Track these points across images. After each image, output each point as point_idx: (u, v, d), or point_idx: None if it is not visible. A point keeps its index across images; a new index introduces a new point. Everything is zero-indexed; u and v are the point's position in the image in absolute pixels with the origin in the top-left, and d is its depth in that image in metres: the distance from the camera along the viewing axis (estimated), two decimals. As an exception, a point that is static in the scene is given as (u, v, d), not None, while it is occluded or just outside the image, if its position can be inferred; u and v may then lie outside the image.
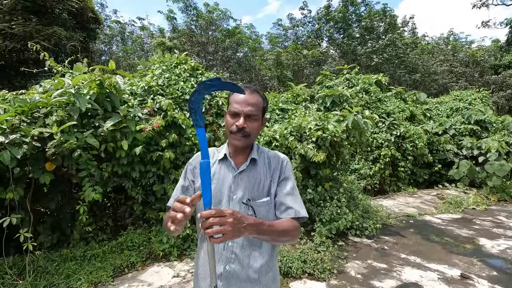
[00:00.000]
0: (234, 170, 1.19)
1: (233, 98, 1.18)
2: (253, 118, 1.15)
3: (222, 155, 1.23)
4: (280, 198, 1.18)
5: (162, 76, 4.32)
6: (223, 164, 1.22)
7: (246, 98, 1.14)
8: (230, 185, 1.16)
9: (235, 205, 1.14)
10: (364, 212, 4.63)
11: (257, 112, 1.16)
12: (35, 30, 8.82)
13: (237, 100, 1.15)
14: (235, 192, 1.16)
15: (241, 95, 1.15)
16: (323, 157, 3.85)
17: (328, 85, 8.60)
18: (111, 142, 3.26)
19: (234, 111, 1.14)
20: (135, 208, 3.82)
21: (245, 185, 1.16)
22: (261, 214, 1.14)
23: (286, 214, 1.15)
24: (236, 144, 1.17)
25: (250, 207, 1.14)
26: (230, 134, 1.17)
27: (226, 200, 1.15)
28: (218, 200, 1.16)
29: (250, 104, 1.14)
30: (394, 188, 7.58)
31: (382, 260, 3.53)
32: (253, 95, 1.17)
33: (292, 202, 1.17)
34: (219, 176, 1.19)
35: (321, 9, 21.47)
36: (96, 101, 3.25)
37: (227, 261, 1.12)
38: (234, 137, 1.15)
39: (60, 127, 2.77)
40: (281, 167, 1.23)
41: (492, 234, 4.44)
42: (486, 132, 8.77)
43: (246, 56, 17.73)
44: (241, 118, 1.13)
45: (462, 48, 24.43)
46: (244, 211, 1.13)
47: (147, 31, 18.28)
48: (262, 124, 1.24)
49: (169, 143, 3.68)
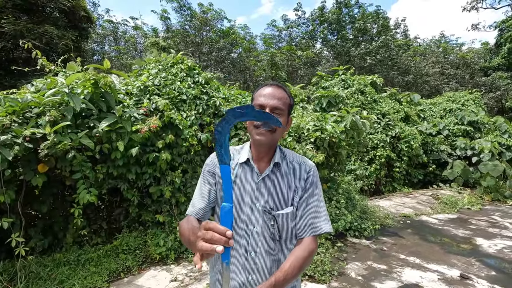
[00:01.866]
0: (257, 175, 1.11)
1: (258, 92, 1.12)
2: (279, 112, 1.07)
3: (245, 159, 1.14)
4: (302, 212, 1.10)
5: (158, 76, 4.24)
6: (244, 168, 1.14)
7: (272, 92, 1.08)
8: (253, 192, 1.09)
9: (258, 214, 1.08)
10: (362, 213, 4.62)
11: (283, 106, 1.09)
12: (25, 28, 8.61)
13: (263, 94, 1.09)
14: (258, 199, 1.09)
15: (268, 89, 1.10)
16: (322, 158, 3.82)
17: (324, 86, 8.61)
18: (106, 143, 3.17)
19: (260, 103, 1.07)
20: (131, 210, 3.73)
21: (268, 192, 1.09)
22: (283, 225, 1.09)
23: (304, 232, 1.08)
24: (260, 140, 1.06)
25: (272, 217, 1.08)
26: (253, 130, 1.07)
27: (249, 208, 1.09)
28: (240, 207, 1.09)
29: (276, 97, 1.08)
30: (390, 189, 7.62)
31: (381, 261, 3.51)
32: (280, 90, 1.11)
33: (313, 218, 1.09)
34: (241, 181, 1.12)
35: (315, 10, 21.61)
36: (91, 101, 3.15)
37: (249, 272, 1.07)
38: (258, 132, 1.05)
39: (54, 127, 2.68)
40: (307, 176, 1.14)
41: (488, 234, 4.48)
42: (479, 133, 8.90)
43: (240, 56, 17.69)
44: (267, 110, 1.04)
45: (452, 50, 24.85)
46: (266, 221, 1.08)
47: (140, 31, 18.09)
48: (287, 123, 1.15)
49: (165, 144, 3.61)
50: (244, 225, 1.08)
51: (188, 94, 4.18)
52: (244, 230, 1.08)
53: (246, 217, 1.08)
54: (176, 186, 3.75)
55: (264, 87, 1.12)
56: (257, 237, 1.07)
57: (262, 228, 1.07)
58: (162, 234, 3.65)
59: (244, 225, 1.08)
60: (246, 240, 1.08)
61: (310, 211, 1.10)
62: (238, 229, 1.09)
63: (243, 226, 1.08)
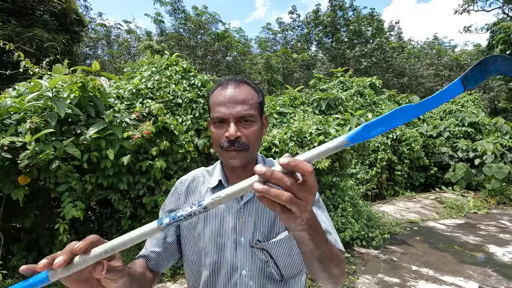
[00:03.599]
0: (236, 201, 0.84)
1: (214, 99, 0.82)
2: (248, 120, 0.79)
3: (216, 182, 0.87)
4: None
5: (152, 78, 3.99)
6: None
7: (232, 95, 0.79)
8: (235, 225, 0.82)
9: (244, 252, 0.81)
10: (368, 220, 4.41)
11: (252, 110, 0.79)
12: (14, 32, 8.31)
13: (219, 100, 0.79)
14: (241, 233, 0.82)
15: (225, 92, 0.80)
16: (327, 164, 3.61)
17: (322, 88, 8.45)
18: (95, 151, 2.91)
19: (219, 116, 0.78)
20: (123, 222, 3.46)
21: (253, 220, 0.82)
22: (281, 257, 0.81)
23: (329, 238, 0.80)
24: (233, 164, 0.80)
25: (264, 251, 0.80)
26: (221, 152, 0.80)
27: (231, 247, 0.81)
28: (220, 248, 0.82)
29: (240, 101, 0.78)
30: (392, 192, 7.44)
31: (393, 273, 3.29)
32: (242, 88, 0.81)
33: (329, 227, 0.84)
34: (216, 212, 0.85)
35: (310, 13, 21.59)
36: (78, 105, 2.90)
37: None
38: (227, 155, 0.79)
39: (35, 135, 2.42)
40: None
41: (500, 241, 4.29)
42: (480, 134, 8.79)
43: (235, 60, 17.52)
44: (231, 124, 0.77)
45: (446, 52, 25.08)
46: (254, 258, 0.80)
47: (134, 35, 17.81)
48: (264, 127, 0.87)
49: (160, 151, 3.36)
50: (228, 271, 0.81)
51: (183, 97, 3.94)
52: (230, 278, 0.81)
53: (230, 259, 0.81)
54: (172, 196, 3.49)
55: (220, 89, 0.82)
56: (249, 283, 0.80)
57: (252, 270, 0.80)
58: (157, 248, 3.38)
59: (228, 271, 0.81)
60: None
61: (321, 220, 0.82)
62: (221, 278, 0.81)
63: (227, 272, 0.81)
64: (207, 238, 0.83)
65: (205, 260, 0.83)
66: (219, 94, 0.81)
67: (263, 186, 0.42)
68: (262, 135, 0.86)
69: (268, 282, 0.80)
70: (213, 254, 0.82)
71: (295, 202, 0.43)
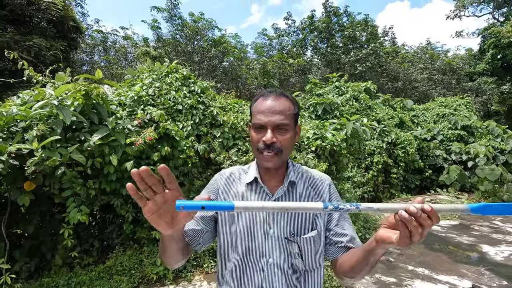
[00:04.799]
0: (268, 197, 0.96)
1: (256, 107, 0.96)
2: (283, 128, 0.92)
3: (252, 178, 0.99)
4: (339, 228, 0.97)
5: (153, 86, 4.08)
6: (252, 190, 0.99)
7: (271, 105, 0.92)
8: (265, 217, 0.94)
9: (272, 242, 0.92)
10: (365, 222, 4.51)
11: (287, 120, 0.92)
12: (13, 40, 8.36)
13: (260, 109, 0.93)
14: (271, 226, 0.94)
15: (266, 102, 0.93)
16: (324, 167, 3.71)
17: (318, 93, 8.59)
18: (99, 157, 2.98)
19: (259, 123, 0.92)
20: (125, 227, 3.52)
21: (284, 216, 0.94)
22: (307, 251, 0.93)
23: (355, 244, 0.94)
24: (267, 166, 0.94)
25: (295, 243, 0.92)
26: (257, 154, 0.94)
27: (261, 236, 0.93)
28: (251, 236, 0.94)
29: (277, 112, 0.91)
30: (388, 195, 7.56)
31: (390, 273, 3.38)
32: (280, 100, 0.94)
33: (353, 233, 0.98)
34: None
35: (305, 19, 21.90)
36: (82, 113, 2.97)
37: None
38: (263, 157, 0.92)
39: (42, 142, 2.49)
40: (328, 190, 1.02)
41: (493, 240, 4.41)
42: (472, 137, 8.98)
43: (232, 65, 17.67)
44: (268, 130, 0.90)
45: (439, 56, 25.49)
46: (286, 249, 0.92)
47: (130, 41, 17.91)
48: (296, 134, 1.00)
49: (161, 157, 3.43)
50: (257, 257, 0.93)
51: (184, 104, 4.03)
52: (257, 263, 0.93)
53: (259, 247, 0.93)
54: (173, 200, 3.56)
55: (262, 100, 0.96)
56: (274, 270, 0.91)
57: (279, 259, 0.92)
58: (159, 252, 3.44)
59: (257, 257, 0.93)
60: (260, 275, 0.92)
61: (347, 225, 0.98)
62: (249, 262, 0.93)
63: (255, 258, 0.93)
64: (241, 226, 0.95)
65: (237, 245, 0.94)
66: (261, 104, 0.95)
67: (409, 216, 0.60)
68: (294, 142, 1.00)
69: (291, 272, 0.92)
70: (245, 241, 0.93)
71: (422, 234, 0.61)
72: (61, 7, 9.62)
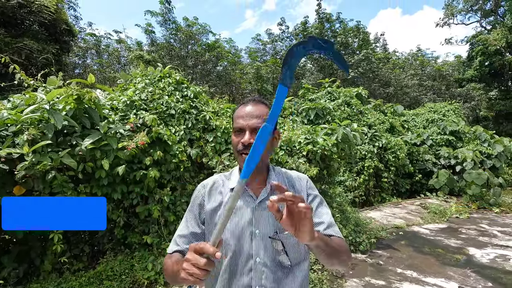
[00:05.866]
0: (252, 199, 1.01)
1: (236, 114, 1.04)
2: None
3: (235, 183, 1.04)
4: (317, 218, 1.02)
5: (145, 90, 4.10)
6: None
7: (250, 111, 1.00)
8: (250, 219, 0.99)
9: (259, 242, 0.97)
10: (356, 226, 4.56)
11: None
12: (3, 42, 8.28)
13: (240, 115, 1.01)
14: (257, 226, 0.99)
15: (245, 108, 1.02)
16: (315, 171, 3.76)
17: (311, 98, 8.70)
18: (90, 161, 2.98)
19: (238, 126, 1.00)
20: (116, 232, 3.50)
21: (268, 216, 0.99)
22: (291, 247, 0.98)
23: (331, 231, 1.00)
24: None
25: (279, 241, 0.97)
26: (238, 156, 1.00)
27: (248, 237, 0.98)
28: (238, 237, 0.98)
29: (255, 116, 0.99)
30: (379, 199, 7.66)
31: (379, 276, 3.43)
32: (258, 106, 1.02)
33: (331, 220, 1.03)
34: (236, 208, 1.02)
35: (298, 25, 22.13)
36: (73, 117, 2.97)
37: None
38: (242, 159, 0.97)
39: (32, 147, 2.48)
40: (306, 187, 1.09)
41: (480, 243, 4.52)
42: (460, 142, 9.19)
43: (226, 70, 17.74)
44: (247, 132, 0.97)
45: (429, 63, 26.04)
46: (270, 247, 0.97)
47: (124, 44, 17.85)
48: (275, 139, 1.06)
49: (153, 161, 3.44)
50: (245, 258, 0.98)
51: (176, 108, 4.05)
52: (246, 263, 0.98)
53: (246, 248, 0.98)
54: (165, 204, 3.56)
55: (242, 106, 1.04)
56: (261, 269, 0.97)
57: (265, 257, 0.97)
58: (150, 257, 3.43)
59: (245, 257, 0.98)
60: (249, 275, 0.97)
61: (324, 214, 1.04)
62: (238, 263, 0.98)
63: (244, 258, 0.98)
64: (230, 228, 0.99)
65: (227, 248, 0.99)
66: (240, 110, 1.03)
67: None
68: (273, 146, 1.07)
69: (278, 268, 0.98)
70: (233, 243, 0.98)
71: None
72: (53, 10, 9.58)
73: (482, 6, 24.28)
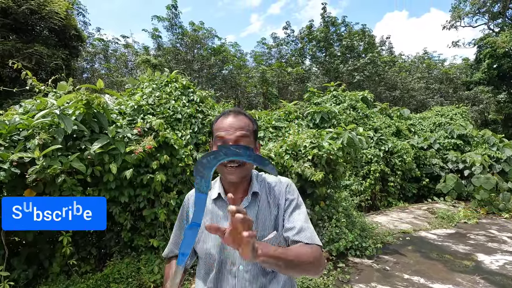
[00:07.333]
0: None
1: (217, 126, 1.04)
2: (245, 142, 0.99)
3: (216, 194, 1.06)
4: (289, 223, 1.01)
5: (152, 95, 4.16)
6: (218, 205, 1.06)
7: (231, 122, 1.00)
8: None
9: None
10: (362, 231, 4.53)
11: (247, 135, 1.01)
12: (15, 48, 8.48)
13: (221, 127, 1.01)
14: None
15: (226, 120, 1.02)
16: (321, 176, 3.76)
17: (316, 101, 8.70)
18: (98, 165, 3.03)
19: (221, 139, 0.99)
20: (123, 235, 3.54)
21: None
22: None
23: (299, 237, 0.97)
24: (232, 179, 1.00)
25: None
26: (221, 168, 1.00)
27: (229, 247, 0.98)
28: (221, 247, 1.00)
29: (237, 127, 0.99)
30: (385, 203, 7.59)
31: (386, 282, 3.40)
32: (239, 117, 1.03)
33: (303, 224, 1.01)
34: (215, 219, 1.04)
35: (304, 29, 22.18)
36: (83, 121, 3.04)
37: None
38: (226, 171, 0.98)
39: (43, 151, 2.54)
40: (285, 192, 1.08)
41: (489, 249, 4.44)
42: (468, 146, 9.07)
43: (231, 73, 17.86)
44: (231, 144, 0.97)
45: (436, 66, 25.80)
46: None
47: (131, 49, 18.11)
48: (256, 149, 1.08)
49: (160, 165, 3.48)
50: (229, 266, 1.01)
51: (183, 113, 4.10)
52: (230, 271, 1.01)
53: (229, 257, 1.01)
54: (171, 208, 3.59)
55: (222, 118, 1.04)
56: (244, 276, 0.99)
57: (248, 265, 0.99)
58: (157, 260, 3.46)
59: (229, 266, 1.01)
60: (232, 282, 0.99)
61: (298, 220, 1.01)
62: (223, 271, 1.01)
63: (228, 267, 1.01)
64: (211, 241, 1.02)
65: (213, 258, 1.02)
66: (221, 122, 1.03)
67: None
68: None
69: (260, 274, 1.00)
70: (217, 253, 1.01)
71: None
72: (63, 16, 9.79)
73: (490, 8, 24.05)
